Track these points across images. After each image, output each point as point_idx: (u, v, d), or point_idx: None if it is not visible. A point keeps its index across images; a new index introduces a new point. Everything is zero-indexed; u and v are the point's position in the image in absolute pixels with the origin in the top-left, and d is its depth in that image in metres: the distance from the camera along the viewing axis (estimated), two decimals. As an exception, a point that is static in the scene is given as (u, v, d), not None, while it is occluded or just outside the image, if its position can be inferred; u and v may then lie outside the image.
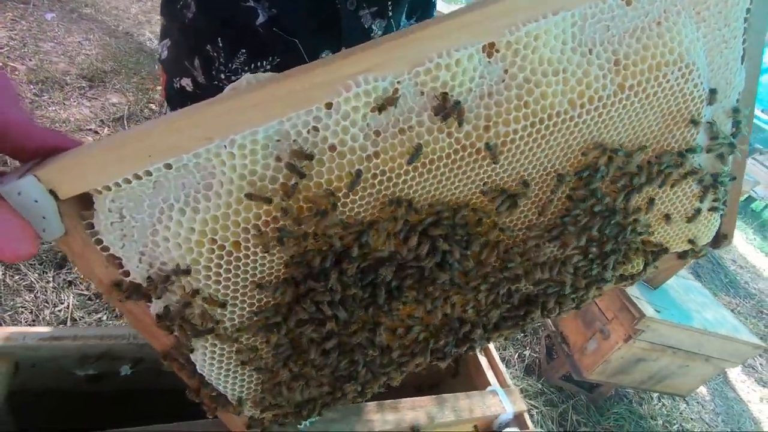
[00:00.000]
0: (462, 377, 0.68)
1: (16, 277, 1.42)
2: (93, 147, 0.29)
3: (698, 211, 0.51)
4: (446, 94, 0.35)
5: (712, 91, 0.44)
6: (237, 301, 0.39)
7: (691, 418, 2.11)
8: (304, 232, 0.36)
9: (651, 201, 0.47)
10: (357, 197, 0.37)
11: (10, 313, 1.32)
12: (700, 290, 1.81)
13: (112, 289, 0.34)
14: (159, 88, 2.62)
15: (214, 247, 0.35)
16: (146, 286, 0.35)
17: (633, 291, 1.55)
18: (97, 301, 1.50)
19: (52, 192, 0.28)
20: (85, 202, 0.31)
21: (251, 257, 0.36)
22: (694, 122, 0.44)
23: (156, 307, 0.37)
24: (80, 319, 1.40)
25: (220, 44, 0.55)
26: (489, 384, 0.60)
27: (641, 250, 0.53)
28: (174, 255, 0.34)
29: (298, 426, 0.48)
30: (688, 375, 1.77)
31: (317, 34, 0.57)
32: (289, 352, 0.43)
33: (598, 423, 1.89)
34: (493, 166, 0.39)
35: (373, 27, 0.61)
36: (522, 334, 2.15)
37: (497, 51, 0.36)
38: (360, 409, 0.48)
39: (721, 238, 0.58)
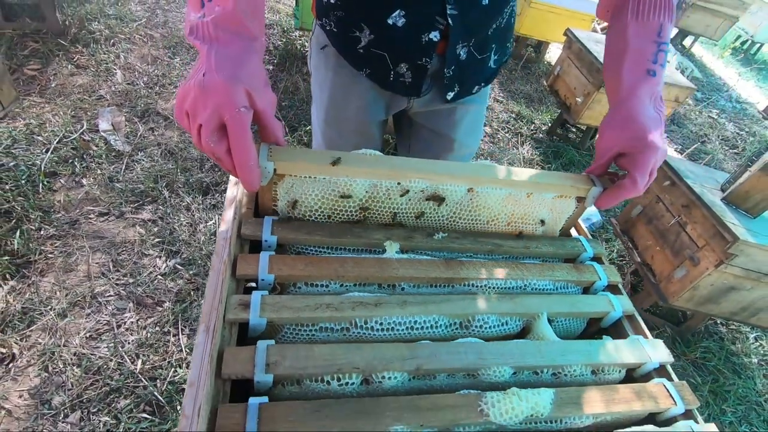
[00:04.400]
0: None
1: (177, 200, 1.80)
2: (301, 156, 0.54)
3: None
4: (441, 196, 0.59)
5: (542, 221, 0.67)
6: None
7: (792, 361, 2.03)
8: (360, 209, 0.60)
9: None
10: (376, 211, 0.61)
11: (177, 224, 1.71)
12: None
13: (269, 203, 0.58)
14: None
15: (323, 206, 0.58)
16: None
17: (729, 217, 1.53)
18: (234, 221, 1.85)
19: (274, 168, 0.52)
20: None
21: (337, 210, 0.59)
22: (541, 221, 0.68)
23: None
24: (224, 233, 1.75)
25: None
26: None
27: None
28: (311, 202, 0.58)
29: None
30: (789, 310, 1.71)
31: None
32: None
33: (683, 354, 1.91)
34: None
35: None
36: (606, 270, 2.19)
37: (472, 191, 0.59)
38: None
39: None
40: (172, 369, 1.32)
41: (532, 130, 3.06)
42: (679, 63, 4.79)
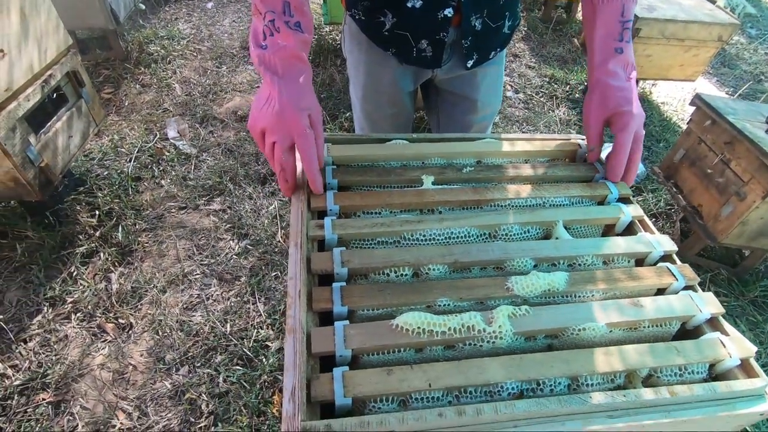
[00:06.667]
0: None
1: (240, 191, 2.03)
2: (351, 150, 0.72)
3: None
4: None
5: None
6: None
7: None
8: None
9: None
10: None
11: (243, 211, 1.93)
12: None
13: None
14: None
15: None
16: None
17: (774, 148, 1.51)
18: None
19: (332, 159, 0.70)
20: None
21: None
22: None
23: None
24: (283, 216, 1.96)
25: None
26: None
27: None
28: None
29: None
30: None
31: None
32: None
33: (741, 294, 1.89)
34: None
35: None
36: (654, 219, 2.19)
37: (480, 163, 0.72)
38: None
39: None
40: (255, 330, 1.54)
41: (567, 91, 3.04)
42: (728, 1, 4.46)
